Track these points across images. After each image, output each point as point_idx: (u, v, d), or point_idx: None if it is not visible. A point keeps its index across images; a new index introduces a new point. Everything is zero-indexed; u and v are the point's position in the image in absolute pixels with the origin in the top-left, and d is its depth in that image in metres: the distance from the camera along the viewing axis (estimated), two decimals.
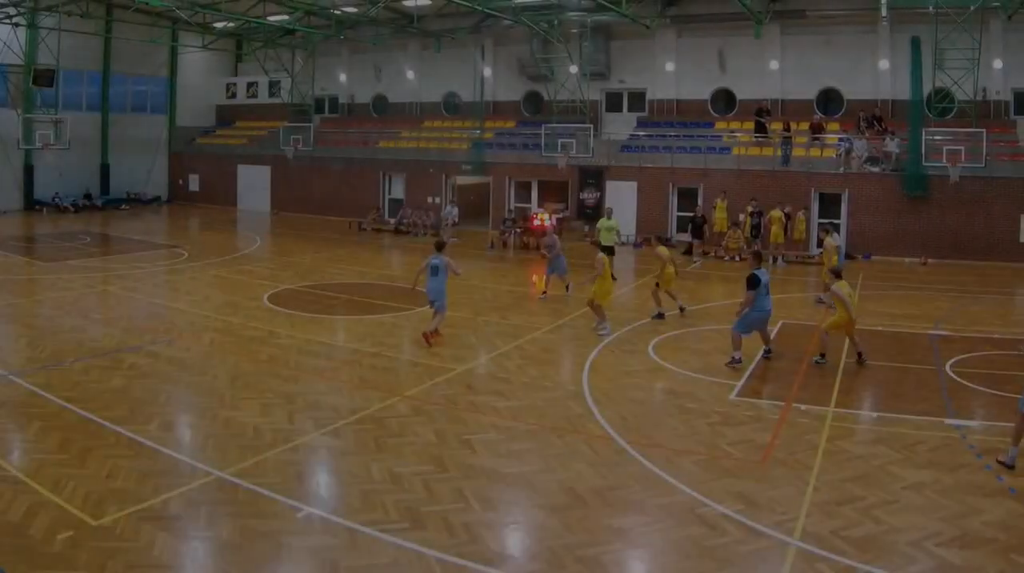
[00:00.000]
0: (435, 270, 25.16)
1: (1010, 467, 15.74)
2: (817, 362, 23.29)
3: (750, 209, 47.47)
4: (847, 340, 24.20)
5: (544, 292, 33.48)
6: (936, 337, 27.66)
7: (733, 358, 22.89)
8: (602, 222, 38.56)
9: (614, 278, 31.11)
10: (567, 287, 33.23)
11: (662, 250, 29.95)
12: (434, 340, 24.79)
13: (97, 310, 29.47)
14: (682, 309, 29.87)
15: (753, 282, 22.96)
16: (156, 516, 13.03)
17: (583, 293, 29.49)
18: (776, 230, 45.34)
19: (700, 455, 16.38)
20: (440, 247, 25.82)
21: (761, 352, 24.09)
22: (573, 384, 21.34)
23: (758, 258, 24.91)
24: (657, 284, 29.49)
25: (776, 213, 45.65)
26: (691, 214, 49.07)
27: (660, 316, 29.05)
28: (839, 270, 24.46)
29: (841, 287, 23.22)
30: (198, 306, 30.27)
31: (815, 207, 49.40)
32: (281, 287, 34.20)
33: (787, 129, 52.79)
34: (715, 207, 49.01)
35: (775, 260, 44.74)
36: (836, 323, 23.47)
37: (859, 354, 23.55)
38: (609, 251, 34.18)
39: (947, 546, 12.65)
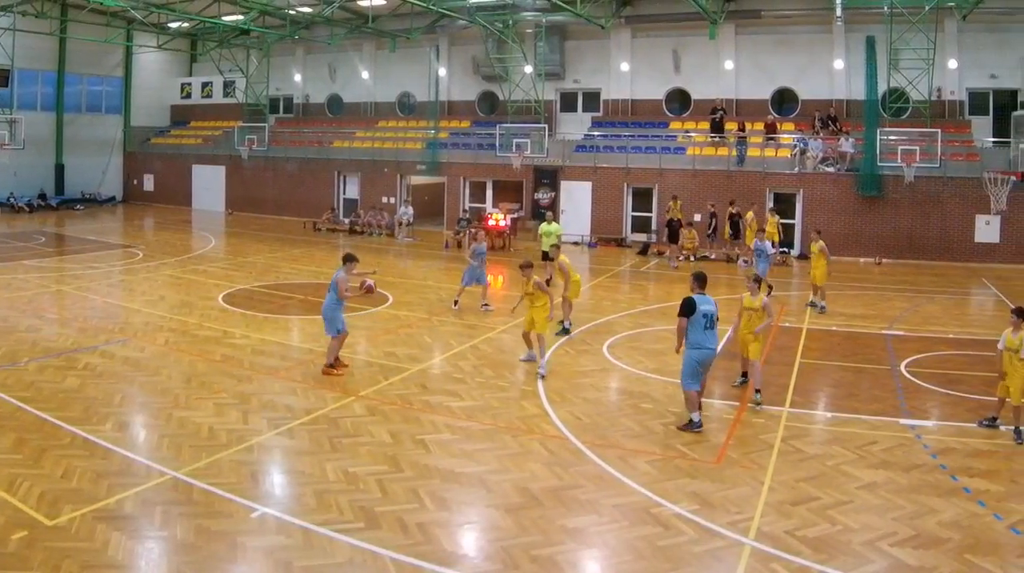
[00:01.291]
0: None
1: None
2: (737, 385, 21.82)
3: (733, 210, 47.42)
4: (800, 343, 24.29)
5: (456, 302, 31.61)
6: (891, 337, 27.90)
7: (691, 421, 17.86)
8: (543, 227, 37.90)
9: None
10: (484, 305, 31.45)
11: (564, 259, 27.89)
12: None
13: (52, 310, 29.28)
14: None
15: (685, 308, 17.95)
16: (111, 516, 13.01)
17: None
18: (748, 231, 44.82)
19: (655, 455, 16.44)
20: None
21: (739, 379, 21.47)
22: (528, 384, 21.39)
23: (757, 283, 20.94)
24: None
25: (749, 214, 45.41)
26: (668, 218, 48.29)
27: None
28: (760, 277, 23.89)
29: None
30: (153, 306, 30.13)
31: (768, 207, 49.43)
32: (236, 287, 34.15)
33: (742, 129, 53.08)
34: (667, 210, 48.81)
35: (739, 258, 44.83)
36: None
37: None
38: (546, 257, 33.94)
39: (901, 546, 12.76)
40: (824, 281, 31.50)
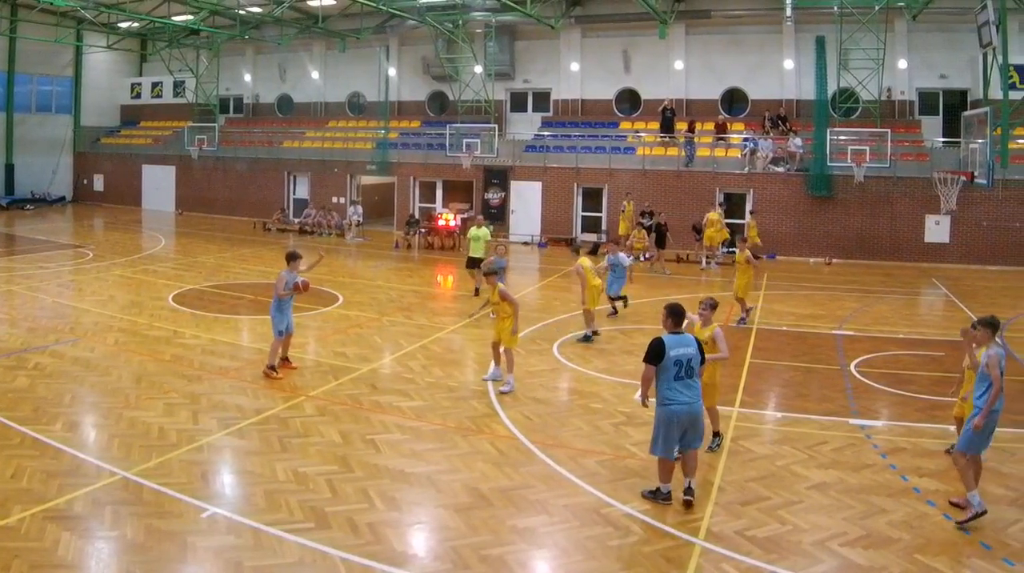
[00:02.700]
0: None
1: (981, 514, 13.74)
2: None
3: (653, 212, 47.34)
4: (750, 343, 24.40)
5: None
6: (841, 337, 28.03)
7: (659, 491, 14.41)
8: (472, 231, 35.26)
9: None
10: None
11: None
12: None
13: (2, 310, 28.95)
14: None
15: (651, 353, 14.10)
16: (61, 516, 12.93)
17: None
18: (711, 232, 44.53)
19: (605, 455, 16.46)
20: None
21: (711, 440, 16.96)
22: (478, 384, 21.36)
23: (712, 309, 17.23)
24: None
25: (714, 215, 45.09)
26: (651, 221, 47.13)
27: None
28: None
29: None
30: (103, 306, 29.91)
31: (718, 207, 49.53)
32: (186, 287, 33.96)
33: (691, 129, 53.20)
34: (622, 211, 48.81)
35: (708, 261, 44.81)
36: None
37: None
38: (474, 264, 33.24)
39: (851, 546, 12.82)
40: (747, 293, 30.19)
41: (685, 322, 14.65)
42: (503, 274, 29.08)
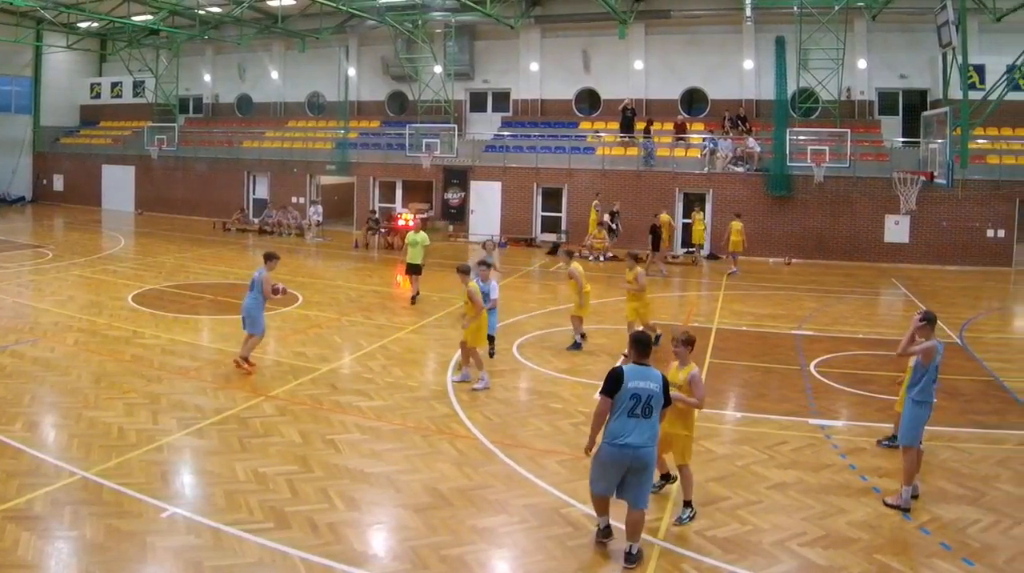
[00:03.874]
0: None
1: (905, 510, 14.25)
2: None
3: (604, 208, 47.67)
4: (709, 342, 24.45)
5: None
6: (800, 337, 28.16)
7: (598, 530, 12.91)
8: (410, 236, 33.64)
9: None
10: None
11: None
12: None
13: None
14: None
15: (608, 383, 12.31)
16: (20, 516, 12.87)
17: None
18: (666, 234, 44.36)
19: (564, 455, 16.43)
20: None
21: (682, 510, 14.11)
22: (437, 384, 21.37)
23: (689, 346, 14.10)
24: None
25: (665, 216, 44.87)
26: (616, 220, 47.95)
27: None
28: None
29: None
30: (63, 306, 29.72)
31: (679, 207, 50.11)
32: (146, 287, 33.79)
33: (647, 131, 53.19)
34: (591, 208, 48.79)
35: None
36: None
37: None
38: (414, 270, 32.67)
39: (811, 546, 12.87)
40: (646, 316, 25.40)
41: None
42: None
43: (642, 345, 12.61)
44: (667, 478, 14.95)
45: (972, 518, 13.91)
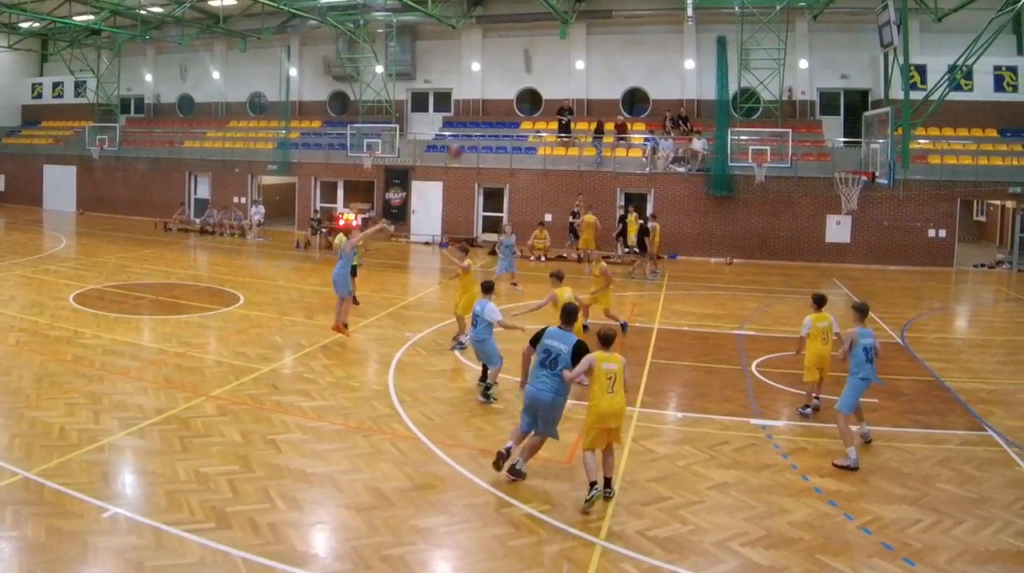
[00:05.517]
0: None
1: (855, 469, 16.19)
2: None
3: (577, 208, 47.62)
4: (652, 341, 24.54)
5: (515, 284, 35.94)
6: (742, 337, 28.30)
7: (500, 452, 15.10)
8: (339, 237, 33.00)
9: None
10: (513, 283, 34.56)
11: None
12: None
13: None
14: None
15: (534, 337, 15.71)
16: None
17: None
18: (587, 235, 43.57)
19: None
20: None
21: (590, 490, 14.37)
22: (379, 384, 21.28)
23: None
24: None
25: (590, 217, 44.11)
26: (578, 219, 46.74)
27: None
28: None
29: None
30: (3, 306, 29.35)
31: (616, 208, 49.91)
32: (87, 287, 33.46)
33: (600, 130, 53.50)
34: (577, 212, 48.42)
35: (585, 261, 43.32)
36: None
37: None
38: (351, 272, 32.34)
39: (752, 546, 12.91)
40: (607, 305, 26.96)
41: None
42: (511, 253, 33.84)
43: (567, 314, 15.55)
44: (608, 485, 14.62)
45: (913, 518, 14.01)
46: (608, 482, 14.54)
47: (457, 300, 25.72)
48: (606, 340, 14.59)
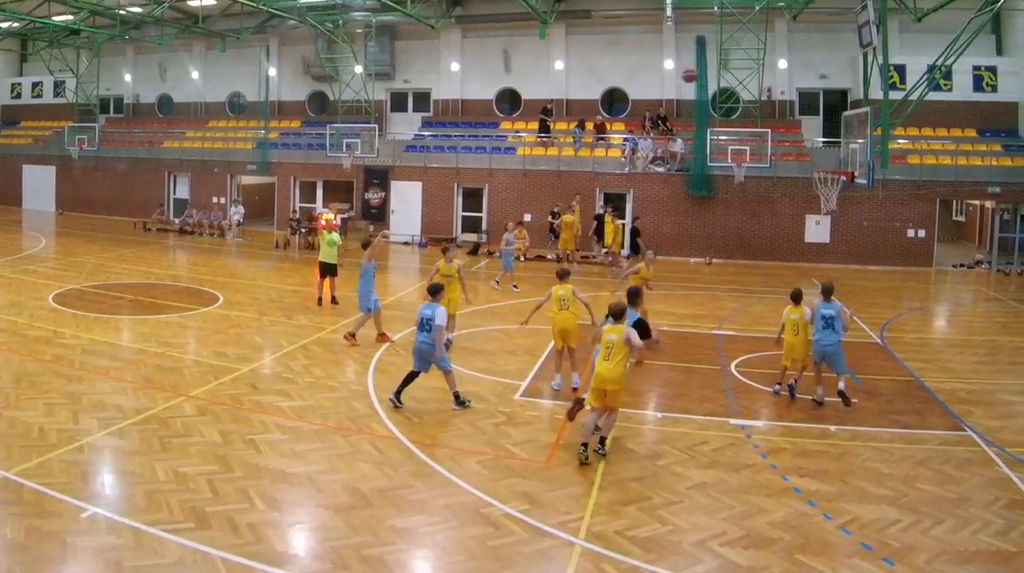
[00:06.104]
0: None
1: (820, 403, 20.10)
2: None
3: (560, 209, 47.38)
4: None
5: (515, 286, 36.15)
6: (721, 337, 28.34)
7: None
8: (324, 235, 33.19)
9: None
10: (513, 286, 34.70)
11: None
12: None
13: None
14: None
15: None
16: None
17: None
18: (566, 235, 43.54)
19: (485, 455, 16.50)
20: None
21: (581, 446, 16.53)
22: (358, 384, 21.31)
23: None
24: None
25: (568, 217, 44.07)
26: (558, 220, 46.75)
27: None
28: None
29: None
30: None
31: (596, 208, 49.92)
32: (67, 287, 33.38)
33: (582, 127, 53.64)
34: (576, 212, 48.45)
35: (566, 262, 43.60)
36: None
37: None
38: (329, 271, 31.90)
39: (732, 546, 12.93)
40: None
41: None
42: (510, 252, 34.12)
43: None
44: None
45: (893, 518, 14.04)
46: (602, 441, 16.72)
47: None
48: (617, 314, 16.76)
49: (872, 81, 40.59)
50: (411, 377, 19.63)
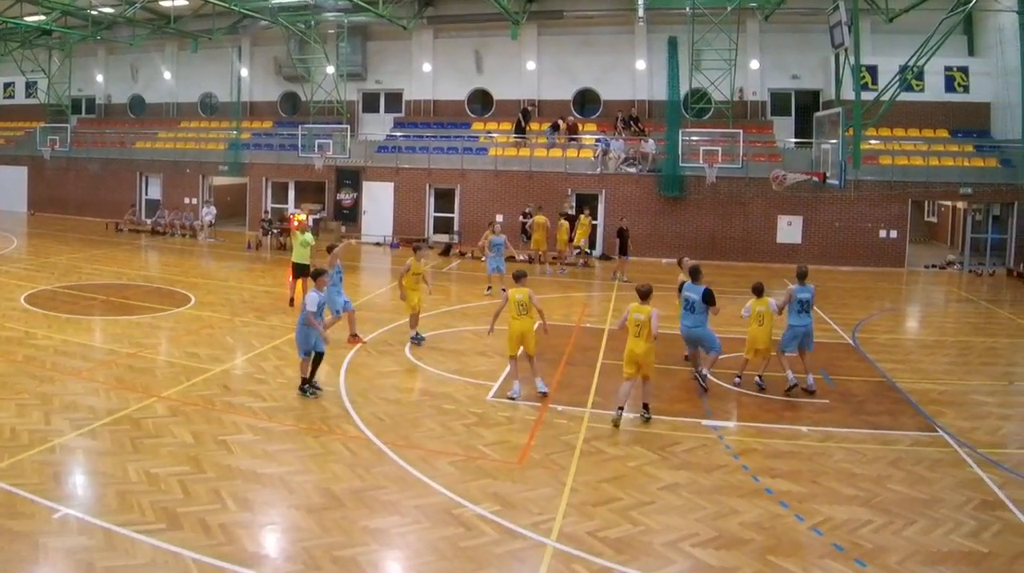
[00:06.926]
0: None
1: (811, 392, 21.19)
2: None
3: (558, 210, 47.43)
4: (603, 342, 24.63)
5: (488, 288, 35.96)
6: None
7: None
8: (297, 235, 33.12)
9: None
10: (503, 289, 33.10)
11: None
12: None
13: None
14: None
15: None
16: None
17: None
18: (538, 236, 42.79)
19: (457, 456, 16.49)
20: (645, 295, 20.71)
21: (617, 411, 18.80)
22: (329, 385, 21.19)
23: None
24: None
25: (540, 218, 43.19)
26: (530, 220, 45.67)
27: None
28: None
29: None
30: None
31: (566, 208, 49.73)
32: (38, 288, 33.29)
33: (556, 128, 53.69)
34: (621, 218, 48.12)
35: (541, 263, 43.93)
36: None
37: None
38: (302, 271, 31.19)
39: (704, 547, 12.95)
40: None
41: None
42: (500, 251, 34.40)
43: (695, 273, 22.54)
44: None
45: (864, 519, 14.08)
46: (646, 406, 19.24)
47: (409, 298, 25.92)
48: (643, 294, 19.62)
49: (844, 82, 40.74)
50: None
